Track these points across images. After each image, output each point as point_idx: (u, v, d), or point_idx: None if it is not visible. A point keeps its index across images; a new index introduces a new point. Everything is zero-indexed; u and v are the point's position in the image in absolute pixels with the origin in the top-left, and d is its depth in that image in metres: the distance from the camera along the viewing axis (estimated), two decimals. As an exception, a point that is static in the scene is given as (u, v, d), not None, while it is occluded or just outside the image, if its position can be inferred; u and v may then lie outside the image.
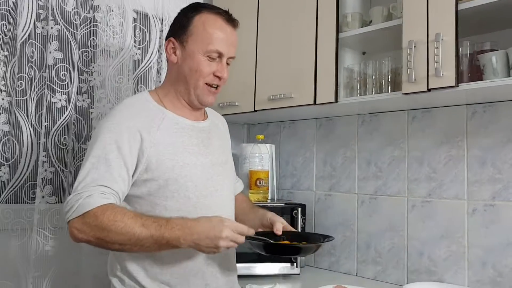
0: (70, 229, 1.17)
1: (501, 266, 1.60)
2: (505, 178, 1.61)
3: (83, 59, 1.87)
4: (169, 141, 1.31)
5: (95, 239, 1.16)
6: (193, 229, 1.17)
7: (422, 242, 1.80)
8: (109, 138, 1.25)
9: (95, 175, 1.21)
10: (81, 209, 1.16)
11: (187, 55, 1.34)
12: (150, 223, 1.16)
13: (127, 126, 1.27)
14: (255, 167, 2.10)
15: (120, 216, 1.16)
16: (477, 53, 1.54)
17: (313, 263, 2.17)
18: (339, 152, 2.13)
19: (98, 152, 1.23)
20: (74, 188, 1.21)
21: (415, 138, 1.86)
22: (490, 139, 1.66)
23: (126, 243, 1.16)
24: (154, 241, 1.15)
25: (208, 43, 1.32)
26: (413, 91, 1.53)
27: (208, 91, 1.37)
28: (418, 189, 1.83)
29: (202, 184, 1.34)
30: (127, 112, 1.31)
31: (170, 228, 1.16)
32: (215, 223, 1.19)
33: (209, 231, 1.17)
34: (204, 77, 1.34)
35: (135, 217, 1.17)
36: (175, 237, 1.16)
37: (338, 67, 1.79)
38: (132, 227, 1.15)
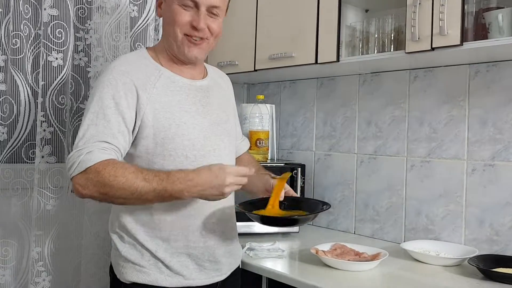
0: (74, 185, 1.17)
1: (498, 225, 1.62)
2: (506, 138, 1.61)
3: (78, 16, 1.82)
4: (165, 100, 1.30)
5: (99, 194, 1.16)
6: (195, 181, 1.18)
7: (420, 201, 1.82)
8: (106, 93, 1.24)
9: (94, 131, 1.20)
10: (83, 165, 1.15)
11: (167, 6, 1.33)
12: (152, 177, 1.16)
13: (124, 82, 1.25)
14: (255, 127, 2.09)
15: (121, 171, 1.15)
16: (483, 11, 1.50)
17: (312, 222, 2.20)
18: (340, 112, 2.12)
19: (96, 108, 1.22)
20: (74, 145, 1.20)
21: (416, 98, 1.85)
22: (492, 99, 1.65)
23: (129, 197, 1.16)
24: (157, 194, 1.16)
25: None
26: (417, 50, 1.51)
27: (188, 42, 1.31)
28: (418, 149, 1.84)
29: (199, 143, 1.33)
30: (124, 68, 1.29)
31: (172, 182, 1.16)
32: (216, 171, 1.20)
33: (212, 181, 1.19)
34: (181, 27, 1.29)
35: (136, 172, 1.17)
36: (178, 190, 1.17)
37: (340, 25, 1.75)
38: (134, 182, 1.15)
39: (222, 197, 1.22)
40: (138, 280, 1.29)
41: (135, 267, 1.30)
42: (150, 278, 1.29)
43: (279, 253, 1.65)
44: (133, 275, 1.30)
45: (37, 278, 1.71)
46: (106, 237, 1.82)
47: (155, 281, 1.29)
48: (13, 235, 1.73)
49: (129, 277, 1.30)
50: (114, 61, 1.33)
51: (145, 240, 1.30)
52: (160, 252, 1.29)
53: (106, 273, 1.81)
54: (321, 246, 1.63)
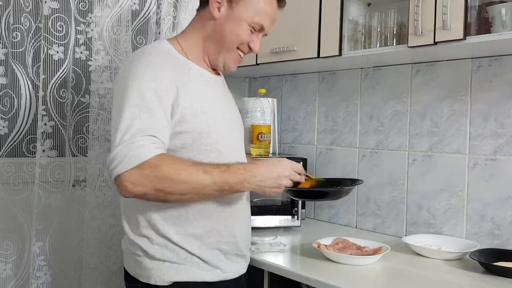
0: (122, 183, 1.08)
1: (499, 219, 1.62)
2: (508, 133, 1.61)
3: (79, 9, 1.81)
4: (199, 93, 1.26)
5: (154, 190, 1.10)
6: (255, 172, 1.19)
7: (421, 195, 1.83)
8: (148, 86, 1.16)
9: (139, 125, 1.12)
10: (135, 160, 1.08)
11: (233, 18, 1.29)
12: (212, 169, 1.14)
13: (165, 75, 1.20)
14: (256, 121, 2.08)
15: (181, 165, 1.12)
16: (486, 5, 1.50)
17: (313, 216, 2.21)
18: (341, 106, 2.12)
19: (137, 101, 1.14)
20: (119, 139, 1.11)
21: (418, 92, 1.85)
22: (494, 93, 1.64)
23: (188, 192, 1.13)
24: (217, 187, 1.14)
25: (257, 15, 1.30)
26: (420, 44, 1.50)
27: (237, 58, 1.35)
28: (420, 144, 1.83)
29: (229, 138, 1.32)
30: (161, 60, 1.24)
31: (233, 173, 1.16)
32: (275, 163, 1.24)
33: (272, 171, 1.21)
34: (241, 43, 1.32)
35: (195, 165, 1.15)
36: (239, 181, 1.17)
37: (343, 19, 1.74)
38: (196, 174, 1.12)
39: (278, 190, 1.23)
40: (179, 279, 1.23)
41: (173, 266, 1.24)
42: (192, 274, 1.25)
43: (281, 247, 1.66)
44: (172, 275, 1.23)
45: (38, 272, 1.72)
46: (107, 231, 1.82)
47: (197, 277, 1.25)
48: (14, 230, 1.73)
49: (168, 277, 1.23)
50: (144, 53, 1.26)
51: (178, 239, 1.24)
52: (195, 248, 1.25)
53: (107, 267, 1.82)
54: (323, 240, 1.63)
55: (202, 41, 1.34)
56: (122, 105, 1.15)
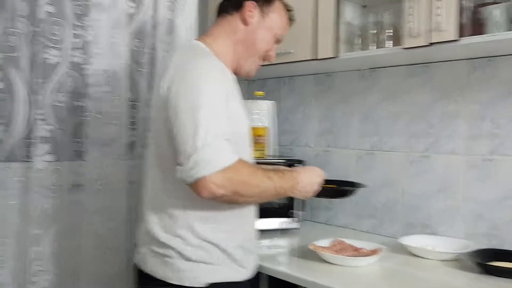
0: (207, 185, 1.10)
1: (495, 219, 1.63)
2: (503, 133, 1.62)
3: (75, 13, 1.81)
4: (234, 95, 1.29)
5: (232, 193, 1.15)
6: (298, 178, 1.30)
7: (417, 196, 1.83)
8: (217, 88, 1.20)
9: (218, 128, 1.15)
10: (220, 164, 1.11)
11: (265, 26, 1.39)
12: (272, 175, 1.24)
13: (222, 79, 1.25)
14: (254, 123, 2.09)
15: (254, 170, 1.21)
16: (479, 6, 1.51)
17: (310, 218, 2.21)
18: (338, 108, 2.13)
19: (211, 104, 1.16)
20: (201, 142, 1.11)
21: (414, 93, 1.86)
22: (489, 94, 1.65)
23: (256, 195, 1.23)
24: (276, 191, 1.24)
25: (281, 29, 1.44)
26: (414, 45, 1.51)
27: (259, 64, 1.45)
28: (416, 144, 1.84)
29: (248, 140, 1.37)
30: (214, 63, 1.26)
31: (286, 179, 1.27)
32: (313, 170, 1.38)
33: (310, 179, 1.34)
34: (266, 51, 1.42)
35: (261, 171, 1.23)
36: (289, 187, 1.28)
37: (339, 21, 1.75)
38: (263, 180, 1.21)
39: (309, 195, 1.35)
40: (214, 280, 1.24)
41: (208, 267, 1.25)
42: (225, 275, 1.26)
43: (278, 250, 1.66)
44: (208, 276, 1.24)
45: (35, 278, 1.70)
46: (106, 236, 1.82)
47: (230, 277, 1.27)
48: (11, 234, 1.72)
49: (204, 279, 1.23)
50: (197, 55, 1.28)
51: (213, 237, 1.26)
52: (224, 245, 1.27)
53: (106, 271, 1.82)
54: (320, 242, 1.64)
55: (232, 45, 1.38)
56: (194, 107, 1.15)
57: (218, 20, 1.42)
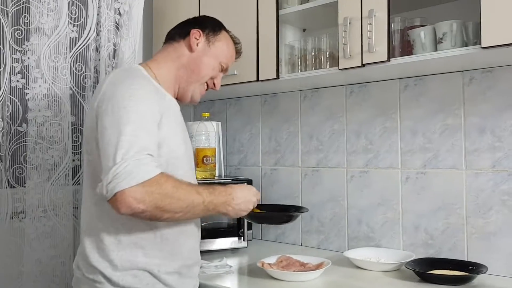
0: (125, 199, 1.07)
1: (432, 229, 1.71)
2: (434, 147, 1.71)
3: (15, 38, 1.79)
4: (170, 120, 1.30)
5: (154, 208, 1.11)
6: (233, 195, 1.28)
7: (360, 210, 1.90)
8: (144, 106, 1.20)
9: (141, 143, 1.13)
10: (140, 177, 1.08)
11: (210, 53, 1.43)
12: (202, 190, 1.21)
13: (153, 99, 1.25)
14: (201, 144, 2.10)
15: (179, 184, 1.17)
16: (408, 29, 1.61)
17: (260, 236, 2.24)
18: (283, 127, 2.18)
19: (136, 120, 1.16)
20: (121, 156, 1.10)
21: (353, 112, 1.94)
22: (421, 110, 1.75)
23: (181, 211, 1.17)
24: (205, 207, 1.21)
25: (227, 57, 1.47)
26: (349, 66, 1.59)
27: (203, 90, 1.47)
28: (356, 160, 1.92)
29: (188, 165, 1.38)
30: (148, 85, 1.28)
31: (217, 195, 1.24)
32: (248, 188, 1.35)
33: (245, 196, 1.31)
34: (210, 77, 1.45)
35: (189, 185, 1.21)
36: (221, 203, 1.25)
37: (279, 44, 1.82)
38: (190, 194, 1.18)
39: (244, 213, 1.32)
40: None
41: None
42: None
43: (226, 269, 1.67)
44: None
45: (-25, 309, 1.64)
46: (48, 263, 1.77)
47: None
48: None
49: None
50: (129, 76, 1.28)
51: (145, 262, 1.24)
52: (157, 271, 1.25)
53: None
54: (268, 259, 1.66)
55: (175, 70, 1.41)
56: (120, 123, 1.15)
57: (164, 47, 1.46)
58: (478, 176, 1.61)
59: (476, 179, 1.62)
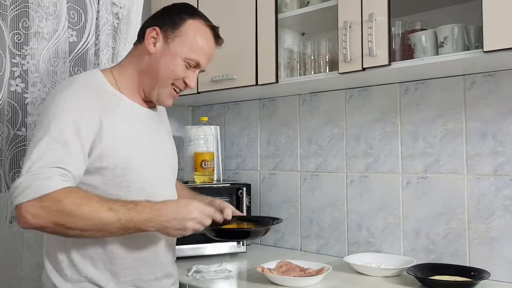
0: (21, 213, 1.06)
1: (433, 234, 1.70)
2: (435, 152, 1.71)
3: (14, 42, 1.78)
4: (125, 129, 1.25)
5: (53, 224, 1.07)
6: (161, 211, 1.16)
7: (361, 215, 1.89)
8: (67, 118, 1.16)
9: (52, 156, 1.10)
10: (38, 191, 1.05)
11: (168, 53, 1.29)
12: (118, 207, 1.12)
13: (88, 108, 1.19)
14: (200, 149, 2.10)
15: (85, 200, 1.10)
16: (408, 33, 1.61)
17: (259, 241, 2.22)
18: (282, 131, 2.18)
19: (54, 133, 1.13)
20: (26, 168, 1.09)
21: (353, 116, 1.93)
22: (421, 114, 1.75)
23: (90, 229, 1.10)
24: (122, 225, 1.12)
25: (193, 52, 1.30)
26: (349, 70, 1.58)
27: (171, 93, 1.34)
28: (356, 165, 1.91)
29: (155, 175, 1.31)
30: (86, 92, 1.22)
31: (139, 211, 1.13)
32: (183, 204, 1.21)
33: (178, 213, 1.18)
34: (176, 79, 1.32)
35: (101, 201, 1.12)
36: (144, 220, 1.14)
37: (278, 47, 1.81)
38: (99, 212, 1.10)
39: (183, 232, 1.19)
40: None
41: None
42: None
43: (226, 274, 1.66)
44: None
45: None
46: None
47: None
48: None
49: None
50: (71, 84, 1.25)
51: (94, 275, 1.23)
52: (110, 285, 1.24)
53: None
54: (267, 264, 1.65)
55: (137, 74, 1.33)
56: (39, 134, 1.14)
57: (131, 50, 1.39)
58: (479, 181, 1.61)
59: (478, 184, 1.61)
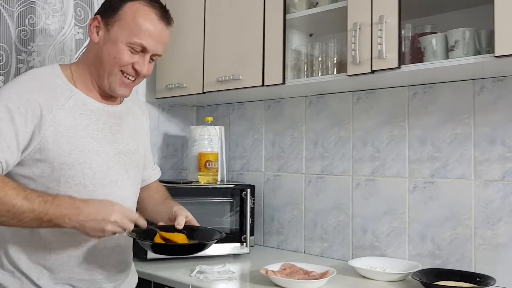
0: None
1: (439, 239, 1.69)
2: (443, 157, 1.69)
3: (20, 38, 1.78)
4: (71, 123, 1.23)
5: None
6: (80, 209, 1.13)
7: (366, 219, 1.87)
8: (4, 106, 1.16)
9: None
10: None
11: (110, 39, 1.25)
12: (34, 197, 1.11)
13: (28, 99, 1.18)
14: (204, 149, 2.09)
15: (1, 185, 1.10)
16: (418, 36, 1.59)
17: (262, 243, 2.21)
18: (287, 133, 2.16)
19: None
20: None
21: (360, 119, 1.92)
22: (430, 119, 1.73)
23: (3, 215, 1.09)
24: (36, 216, 1.10)
25: (134, 35, 1.24)
26: (358, 72, 1.57)
27: (121, 81, 1.29)
28: (362, 168, 1.89)
29: (101, 172, 1.27)
30: (31, 84, 1.22)
31: (56, 205, 1.12)
32: (105, 205, 1.17)
33: (98, 213, 1.14)
34: (121, 66, 1.27)
35: (17, 188, 1.11)
36: (60, 215, 1.12)
37: (286, 48, 1.80)
38: (13, 198, 1.09)
39: (101, 234, 1.16)
40: None
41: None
42: None
43: (229, 275, 1.64)
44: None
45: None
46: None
47: None
48: None
49: None
50: (23, 75, 1.26)
51: (27, 267, 1.23)
52: (43, 280, 1.23)
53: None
54: (271, 266, 1.64)
55: (87, 67, 1.32)
56: None
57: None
58: (487, 187, 1.59)
59: (485, 189, 1.59)
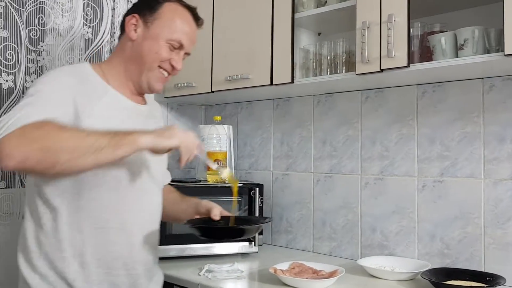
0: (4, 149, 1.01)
1: (448, 239, 1.68)
2: (453, 155, 1.68)
3: (30, 38, 1.79)
4: (107, 116, 1.24)
5: (38, 150, 1.01)
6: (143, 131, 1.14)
7: (374, 218, 1.87)
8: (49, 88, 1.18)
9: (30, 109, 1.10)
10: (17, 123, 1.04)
11: (150, 36, 1.31)
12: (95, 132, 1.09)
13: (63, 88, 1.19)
14: (212, 148, 2.10)
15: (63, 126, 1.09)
16: (427, 34, 1.59)
17: (271, 242, 2.21)
18: (296, 132, 2.16)
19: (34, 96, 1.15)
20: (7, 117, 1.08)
21: (368, 118, 1.91)
22: (439, 118, 1.72)
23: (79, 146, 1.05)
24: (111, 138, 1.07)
25: (174, 32, 1.32)
26: (366, 71, 1.57)
27: (160, 76, 1.34)
28: (371, 167, 1.89)
29: (136, 166, 1.28)
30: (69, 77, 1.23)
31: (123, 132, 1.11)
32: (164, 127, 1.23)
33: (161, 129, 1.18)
34: (161, 61, 1.32)
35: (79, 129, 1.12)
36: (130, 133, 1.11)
37: (294, 47, 1.80)
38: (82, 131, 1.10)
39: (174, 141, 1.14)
40: None
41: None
42: None
43: (238, 274, 1.65)
44: None
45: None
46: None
47: None
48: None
49: None
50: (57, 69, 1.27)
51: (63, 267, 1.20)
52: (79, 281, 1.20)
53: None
54: (280, 265, 1.64)
55: (123, 64, 1.34)
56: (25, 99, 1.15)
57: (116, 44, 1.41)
58: (497, 186, 1.58)
59: (495, 188, 1.58)
